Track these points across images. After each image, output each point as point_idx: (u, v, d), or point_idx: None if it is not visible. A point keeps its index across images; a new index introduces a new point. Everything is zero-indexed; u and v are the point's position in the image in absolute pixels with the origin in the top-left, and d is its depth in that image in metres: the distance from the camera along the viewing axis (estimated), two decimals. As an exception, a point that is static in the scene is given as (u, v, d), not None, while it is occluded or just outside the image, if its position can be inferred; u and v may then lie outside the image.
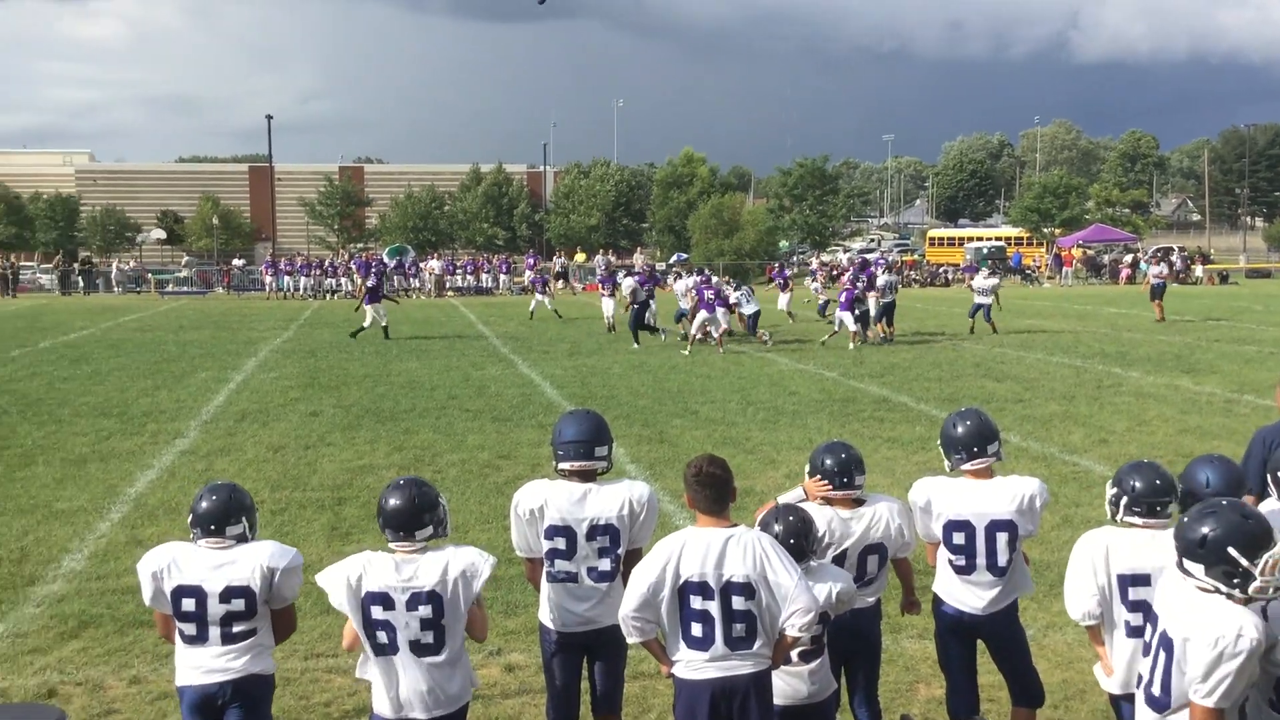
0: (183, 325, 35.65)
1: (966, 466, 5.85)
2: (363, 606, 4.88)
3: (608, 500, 5.52)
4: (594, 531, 5.48)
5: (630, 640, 5.04)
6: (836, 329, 27.81)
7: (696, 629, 4.84)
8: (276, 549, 5.21)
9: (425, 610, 4.87)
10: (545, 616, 5.64)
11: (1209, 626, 4.06)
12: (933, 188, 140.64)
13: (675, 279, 32.71)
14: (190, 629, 5.12)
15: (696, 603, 4.83)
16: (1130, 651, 5.06)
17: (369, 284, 30.30)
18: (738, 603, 4.80)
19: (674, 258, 68.13)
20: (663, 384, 20.59)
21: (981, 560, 5.77)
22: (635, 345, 26.99)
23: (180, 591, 5.09)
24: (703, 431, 15.77)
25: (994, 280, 31.24)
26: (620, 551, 5.52)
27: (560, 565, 5.53)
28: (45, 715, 5.51)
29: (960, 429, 5.87)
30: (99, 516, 11.33)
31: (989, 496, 5.78)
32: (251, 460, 13.94)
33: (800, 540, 5.25)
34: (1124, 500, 5.18)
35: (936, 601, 6.03)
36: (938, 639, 6.09)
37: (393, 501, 5.02)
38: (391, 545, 4.99)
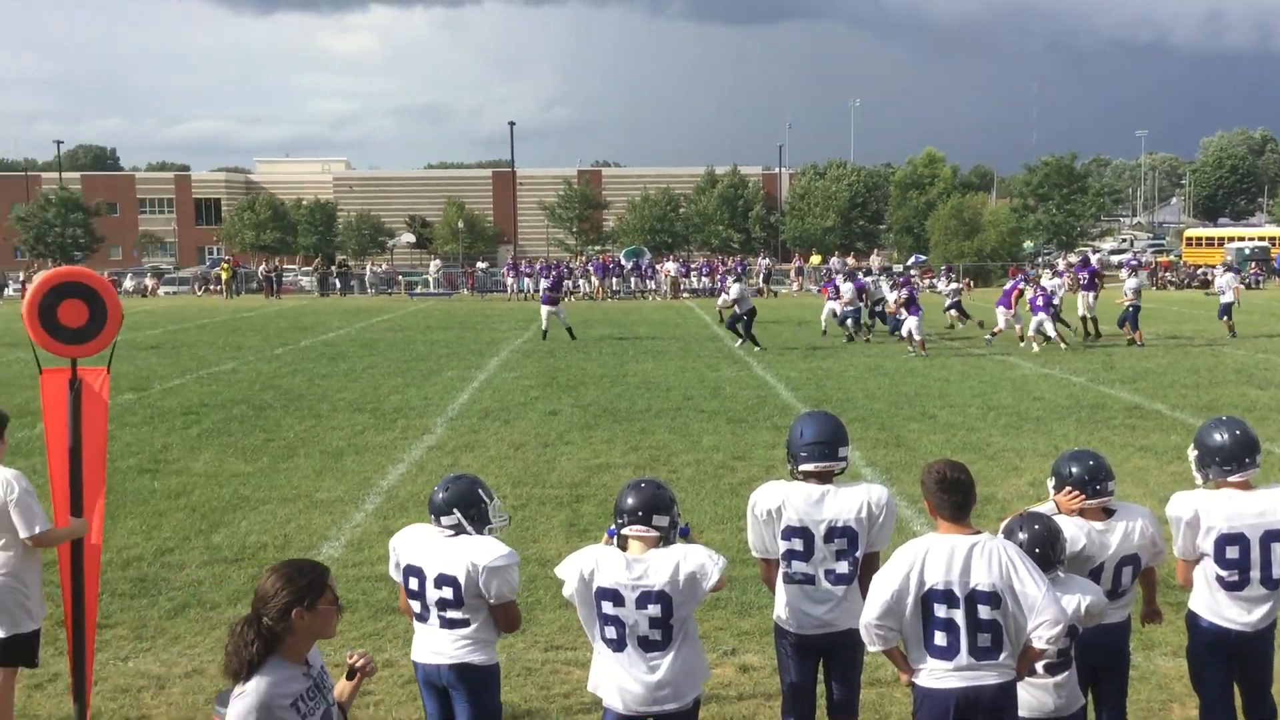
0: (430, 325, 37.10)
1: (1234, 479, 5.59)
2: (594, 601, 5.01)
3: (846, 502, 5.47)
4: (832, 533, 5.45)
5: (871, 648, 4.97)
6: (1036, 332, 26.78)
7: (941, 638, 4.75)
8: (488, 546, 5.29)
9: (654, 609, 4.94)
10: (781, 618, 5.63)
11: None
12: (1190, 185, 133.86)
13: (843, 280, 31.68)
14: (416, 607, 5.38)
15: (941, 611, 4.74)
16: None
17: (546, 285, 31.02)
18: (983, 612, 4.70)
19: (912, 259, 66.90)
20: (899, 387, 20.28)
21: (1256, 574, 5.53)
22: (751, 346, 26.99)
23: (408, 570, 5.38)
24: (941, 436, 15.47)
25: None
26: (858, 554, 5.47)
27: (797, 567, 5.51)
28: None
29: (1225, 438, 5.61)
30: (354, 507, 11.93)
31: (1261, 507, 5.53)
32: (494, 457, 14.41)
33: (1046, 549, 5.11)
34: None
35: (1194, 619, 5.77)
36: (1193, 657, 5.83)
37: (630, 500, 5.15)
38: (626, 531, 5.11)
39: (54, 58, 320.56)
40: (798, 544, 5.49)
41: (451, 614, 5.27)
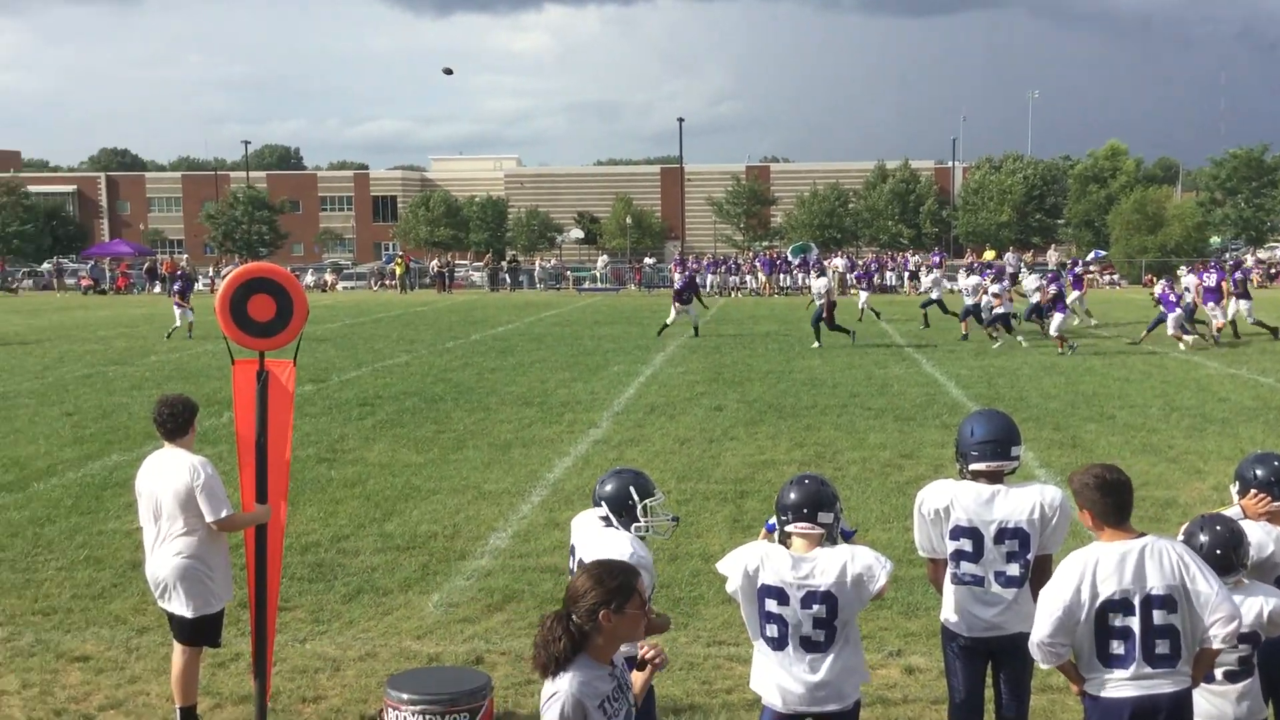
0: (597, 320, 37.49)
1: None
2: (758, 598, 4.99)
3: (1018, 503, 5.31)
4: (1003, 534, 5.30)
5: (1043, 665, 4.84)
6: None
7: (1116, 646, 4.62)
8: (619, 546, 5.23)
9: (819, 609, 4.89)
10: (948, 620, 5.52)
11: None
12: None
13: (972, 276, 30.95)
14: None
15: (1117, 620, 4.60)
16: None
17: (677, 286, 30.95)
18: (1159, 617, 4.57)
19: (1091, 255, 64.93)
20: (1076, 386, 19.71)
21: None
22: (817, 344, 26.71)
23: (571, 551, 5.47)
24: (1120, 437, 14.98)
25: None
26: (1029, 556, 5.30)
27: (966, 568, 5.38)
28: (476, 680, 5.96)
29: None
30: (521, 499, 12.13)
31: None
32: (659, 451, 14.48)
33: (1229, 552, 4.91)
34: None
35: None
36: None
37: (793, 496, 5.10)
38: (790, 528, 5.05)
39: (242, 61, 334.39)
40: (967, 544, 5.36)
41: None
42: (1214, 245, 67.31)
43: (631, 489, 5.51)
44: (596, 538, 5.38)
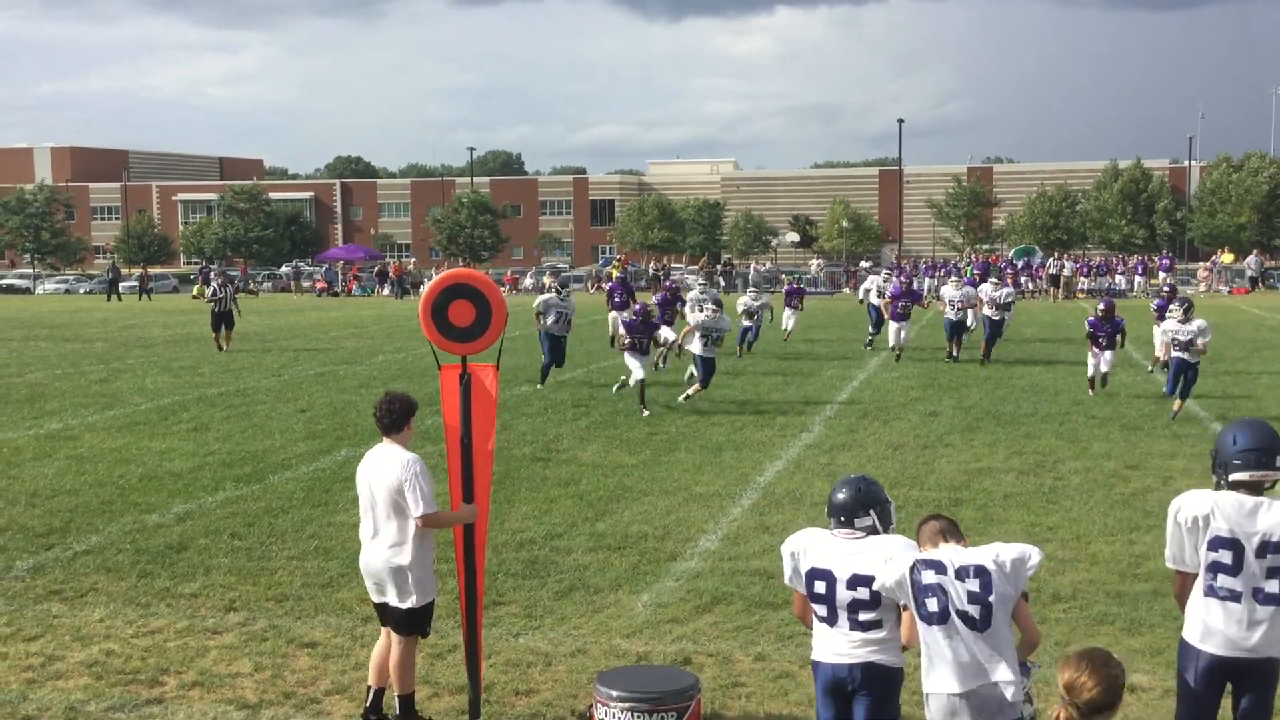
0: (812, 324, 37.22)
1: None
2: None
3: None
4: (1265, 548, 5.03)
5: None
6: None
7: None
8: (901, 543, 5.32)
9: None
10: (1193, 636, 5.23)
11: None
12: None
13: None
14: (823, 610, 5.38)
15: None
16: None
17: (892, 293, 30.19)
18: None
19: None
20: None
21: None
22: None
23: (814, 574, 5.38)
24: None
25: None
26: None
27: (1224, 581, 5.11)
28: (685, 680, 6.02)
29: None
30: (731, 501, 12.15)
31: None
32: (871, 456, 14.30)
33: None
34: None
35: None
36: None
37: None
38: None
39: (474, 70, 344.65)
40: (1226, 556, 5.09)
41: (864, 616, 5.29)
42: None
43: (884, 491, 5.58)
44: (878, 547, 5.34)
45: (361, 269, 72.28)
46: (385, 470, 6.61)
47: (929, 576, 5.02)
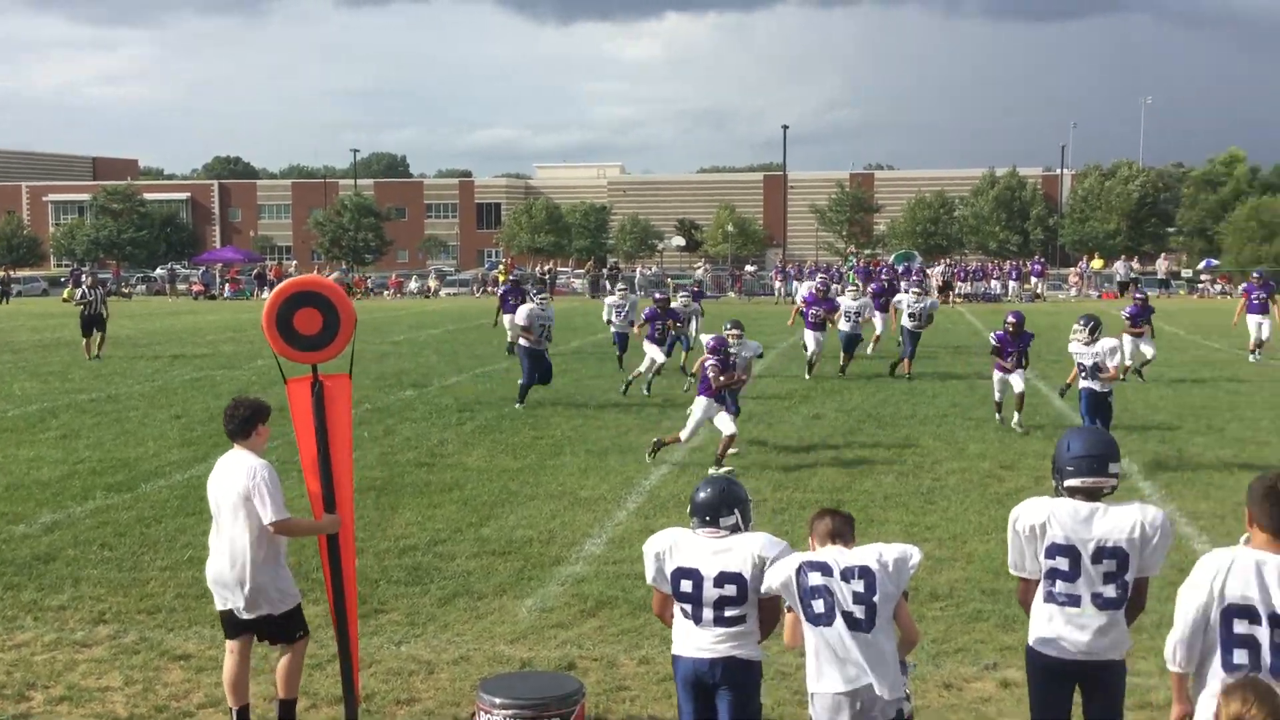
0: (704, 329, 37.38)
1: None
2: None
3: (1118, 521, 5.15)
4: (1101, 553, 5.14)
5: (1174, 669, 4.69)
6: None
7: (1240, 655, 4.49)
8: (767, 539, 5.45)
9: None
10: (1036, 640, 5.34)
11: None
12: None
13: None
14: (689, 608, 5.45)
15: (1241, 627, 4.48)
16: None
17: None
18: None
19: (1203, 264, 63.36)
20: (1184, 398, 19.24)
21: None
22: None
23: (680, 573, 5.44)
24: (1229, 451, 14.58)
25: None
26: (1128, 578, 5.14)
27: (1061, 587, 5.21)
28: (568, 685, 5.99)
29: None
30: (617, 505, 12.16)
31: None
32: (755, 461, 14.42)
33: None
34: None
35: None
36: None
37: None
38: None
39: (360, 72, 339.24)
40: (1063, 563, 5.19)
41: (730, 611, 5.37)
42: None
43: (744, 490, 5.67)
44: (745, 543, 5.42)
45: (240, 271, 70.91)
46: (232, 477, 6.45)
47: (815, 579, 5.10)
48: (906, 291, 24.60)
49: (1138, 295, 23.43)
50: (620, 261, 79.58)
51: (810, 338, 23.14)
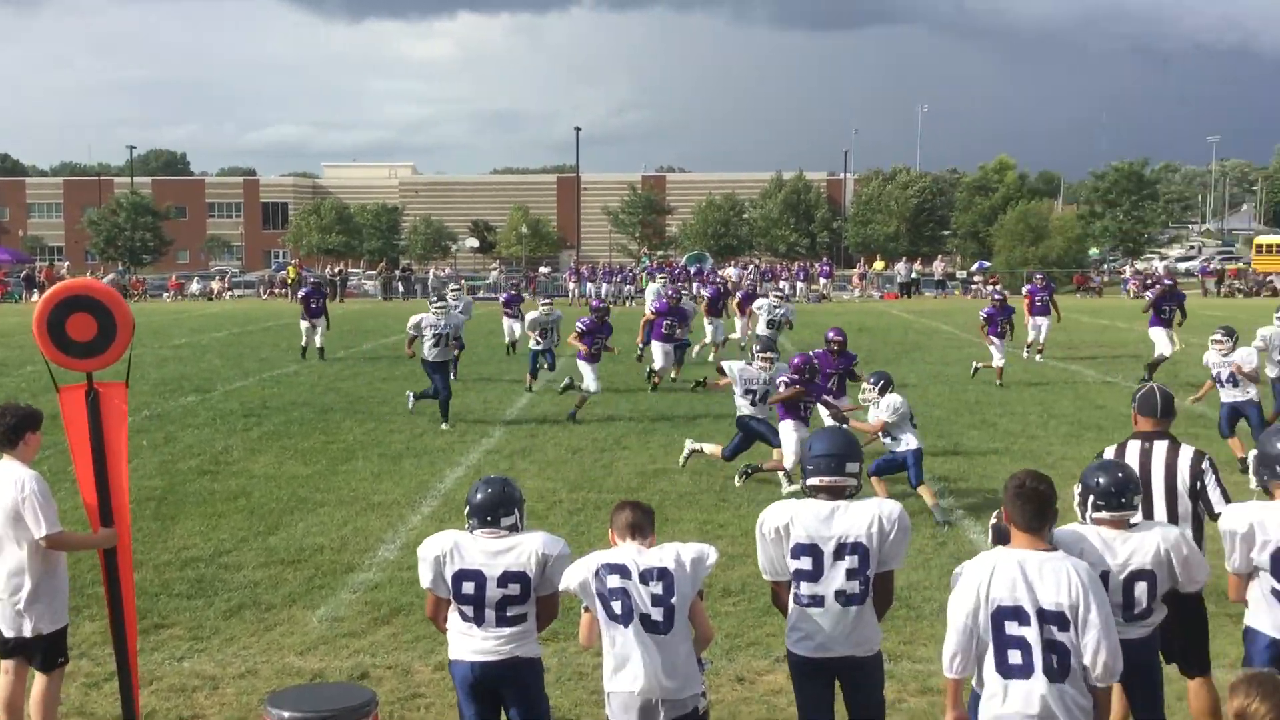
0: (492, 330, 37.18)
1: None
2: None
3: (857, 517, 5.27)
4: (842, 550, 5.24)
5: (950, 675, 4.80)
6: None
7: (1014, 656, 4.64)
8: (547, 537, 5.49)
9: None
10: (792, 640, 5.43)
11: None
12: (1261, 191, 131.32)
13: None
14: (470, 610, 5.42)
15: (1012, 629, 4.63)
16: None
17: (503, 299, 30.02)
18: (1051, 633, 4.61)
19: (975, 265, 66.34)
20: (960, 395, 20.07)
21: None
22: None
23: (462, 575, 5.41)
24: (1001, 443, 15.31)
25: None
26: (869, 573, 5.25)
27: (807, 588, 5.29)
28: (360, 696, 5.85)
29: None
30: (411, 510, 11.98)
31: None
32: (551, 461, 14.42)
33: None
34: None
35: (1253, 635, 5.62)
36: None
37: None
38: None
39: (138, 65, 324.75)
40: (807, 563, 5.28)
41: (513, 611, 5.36)
42: (1093, 256, 69.15)
43: (519, 490, 5.67)
44: (527, 542, 5.43)
45: (8, 273, 67.19)
46: (1, 490, 6.10)
47: (613, 581, 5.10)
48: (768, 295, 23.97)
49: (996, 296, 23.59)
50: (413, 263, 78.55)
51: (659, 350, 21.36)
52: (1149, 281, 46.37)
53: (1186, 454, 6.36)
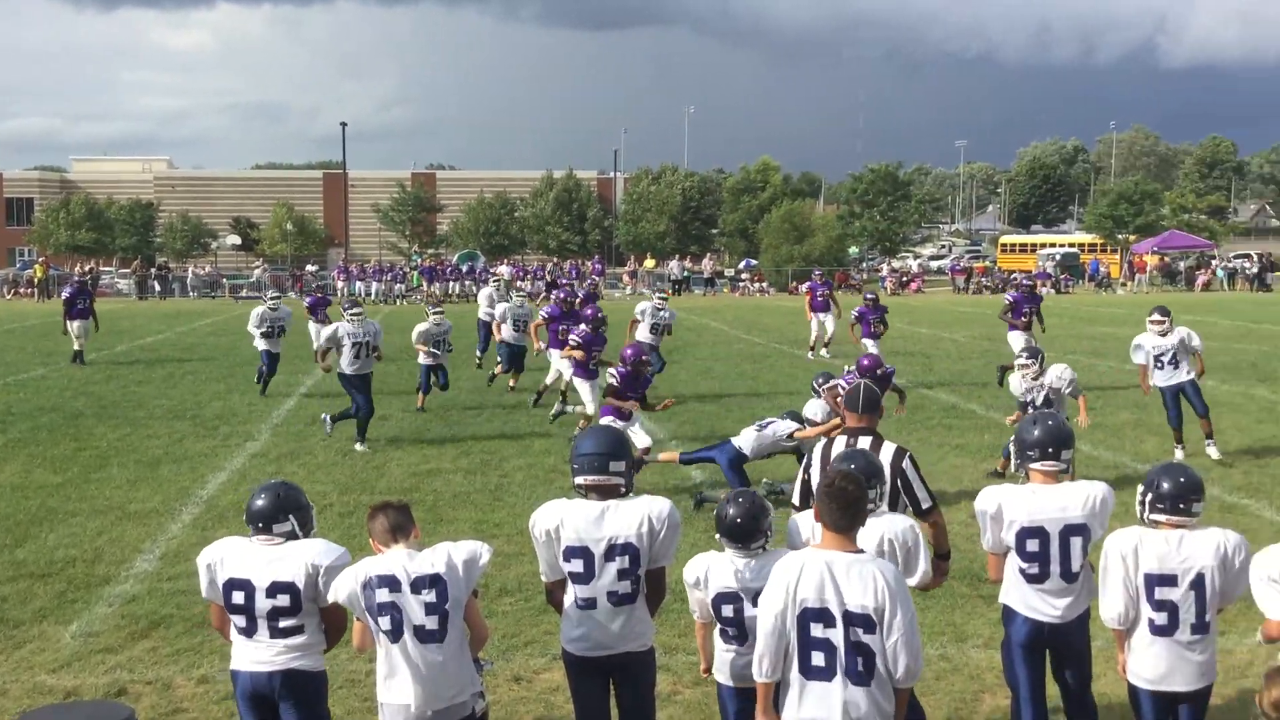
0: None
1: (1036, 466, 5.80)
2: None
3: (627, 516, 5.25)
4: (612, 551, 5.22)
5: (760, 679, 4.71)
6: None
7: (817, 658, 4.58)
8: (324, 546, 5.30)
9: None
10: (566, 639, 5.43)
11: None
12: (1005, 194, 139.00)
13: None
14: (242, 621, 5.25)
15: (818, 630, 4.56)
16: (1156, 649, 5.33)
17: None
18: (856, 635, 4.55)
19: (742, 264, 68.01)
20: (730, 385, 20.52)
21: (1055, 567, 5.70)
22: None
23: (232, 584, 5.23)
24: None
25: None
26: (640, 572, 5.27)
27: (580, 591, 5.28)
28: (116, 713, 5.58)
29: (1038, 430, 5.85)
30: (171, 518, 11.50)
31: (1061, 501, 5.72)
32: (321, 464, 14.08)
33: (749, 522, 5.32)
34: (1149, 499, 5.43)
35: (1007, 612, 5.92)
36: (1006, 650, 5.97)
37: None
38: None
39: None
40: (578, 565, 5.26)
41: (285, 622, 5.17)
42: (853, 255, 71.79)
43: (304, 496, 5.50)
44: (299, 551, 5.25)
45: None
46: None
47: (383, 595, 4.98)
48: (652, 299, 22.27)
49: (868, 296, 22.79)
50: (170, 261, 75.47)
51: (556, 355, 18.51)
52: (904, 279, 48.42)
53: (889, 450, 6.44)
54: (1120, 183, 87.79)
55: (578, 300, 20.08)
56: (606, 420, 12.18)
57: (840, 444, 6.60)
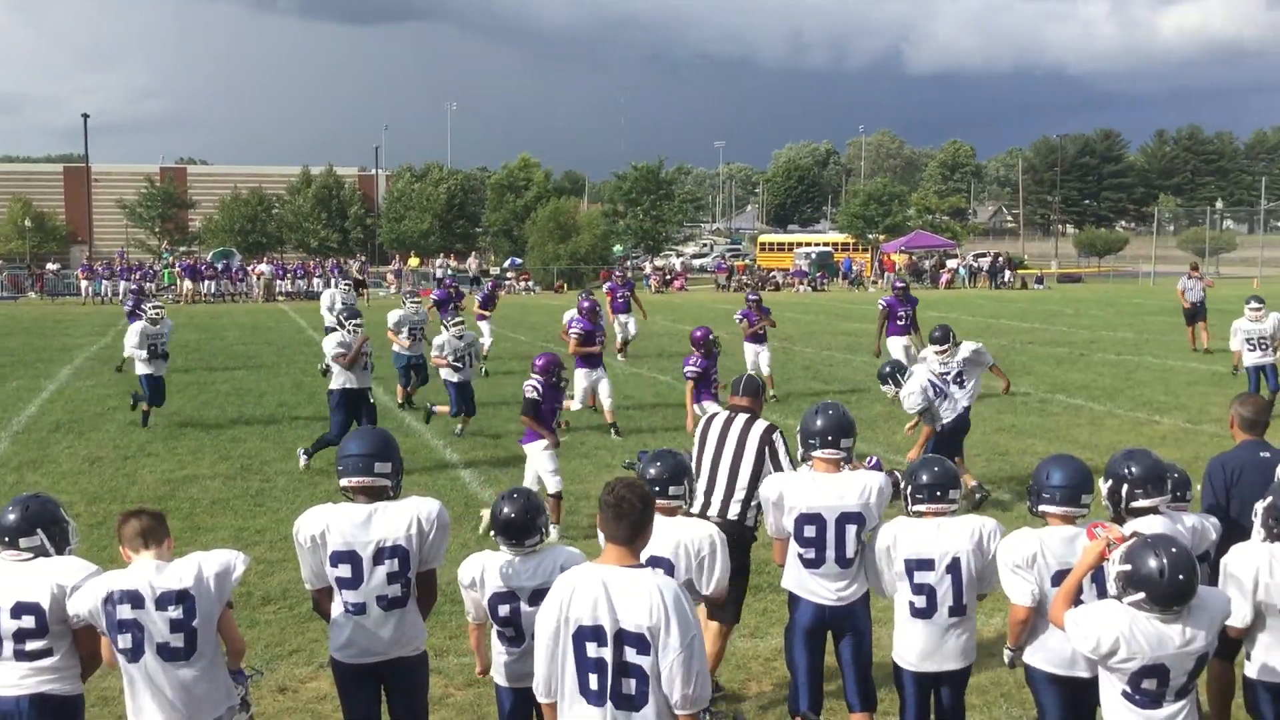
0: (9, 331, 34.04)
1: (818, 454, 6.01)
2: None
3: (395, 519, 5.14)
4: (381, 554, 5.12)
5: (543, 700, 4.43)
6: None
7: (592, 680, 4.27)
8: (73, 566, 5.02)
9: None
10: (333, 647, 5.31)
11: None
12: (763, 194, 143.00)
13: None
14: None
15: (591, 650, 4.25)
16: (916, 630, 5.64)
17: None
18: (629, 654, 4.23)
19: (508, 262, 67.90)
20: (499, 389, 20.49)
21: (831, 553, 5.90)
22: None
23: None
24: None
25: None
26: (411, 575, 5.19)
27: (348, 595, 5.16)
28: None
29: (820, 420, 6.06)
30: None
31: (839, 489, 5.93)
32: (66, 473, 13.41)
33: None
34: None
35: (791, 599, 6.12)
36: (789, 634, 6.15)
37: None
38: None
39: None
40: (345, 570, 5.12)
41: (31, 645, 4.87)
42: (618, 253, 72.63)
43: (60, 510, 5.23)
44: (45, 570, 4.97)
45: None
46: None
47: (124, 611, 4.77)
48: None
49: (751, 298, 21.30)
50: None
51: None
52: (668, 277, 49.08)
53: (760, 426, 7.09)
54: (869, 184, 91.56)
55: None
56: (529, 445, 11.00)
57: (721, 418, 7.22)
